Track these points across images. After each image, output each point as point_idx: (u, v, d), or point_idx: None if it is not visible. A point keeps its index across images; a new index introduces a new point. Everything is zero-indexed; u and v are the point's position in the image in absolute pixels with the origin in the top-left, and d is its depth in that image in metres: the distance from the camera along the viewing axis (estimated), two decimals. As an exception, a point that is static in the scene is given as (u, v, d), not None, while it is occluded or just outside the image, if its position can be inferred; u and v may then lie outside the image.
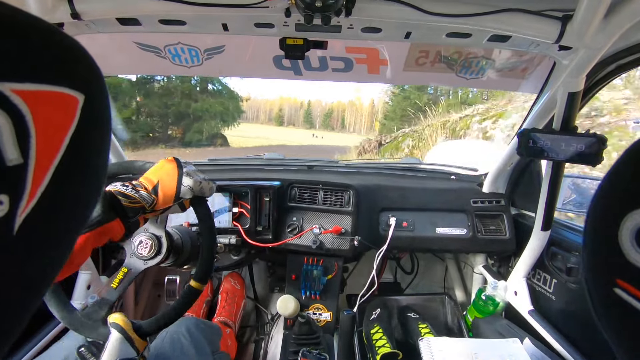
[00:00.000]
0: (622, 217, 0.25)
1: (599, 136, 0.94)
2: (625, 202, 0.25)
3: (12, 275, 0.22)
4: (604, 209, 0.28)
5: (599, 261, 0.28)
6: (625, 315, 0.25)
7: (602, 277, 0.27)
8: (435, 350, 1.16)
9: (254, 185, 1.41)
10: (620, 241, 0.25)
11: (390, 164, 1.91)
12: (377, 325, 1.42)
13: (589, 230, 0.29)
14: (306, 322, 1.22)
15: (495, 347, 1.16)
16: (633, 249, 0.24)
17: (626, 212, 0.25)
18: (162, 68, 1.32)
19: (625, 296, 0.25)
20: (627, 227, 0.24)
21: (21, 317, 0.24)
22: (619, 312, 0.26)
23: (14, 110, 0.20)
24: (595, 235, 0.29)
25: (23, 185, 0.21)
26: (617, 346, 0.28)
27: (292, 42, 1.02)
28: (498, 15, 0.85)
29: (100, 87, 0.26)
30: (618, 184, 0.27)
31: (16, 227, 0.21)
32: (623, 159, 0.27)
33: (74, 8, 0.86)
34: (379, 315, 1.48)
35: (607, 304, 0.27)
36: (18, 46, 0.20)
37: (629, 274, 0.24)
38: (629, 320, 0.25)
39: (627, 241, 0.24)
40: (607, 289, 0.26)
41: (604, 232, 0.27)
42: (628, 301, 0.25)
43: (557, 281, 1.31)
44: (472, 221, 1.50)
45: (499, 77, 1.29)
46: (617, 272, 0.25)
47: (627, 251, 0.24)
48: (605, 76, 1.10)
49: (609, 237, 0.26)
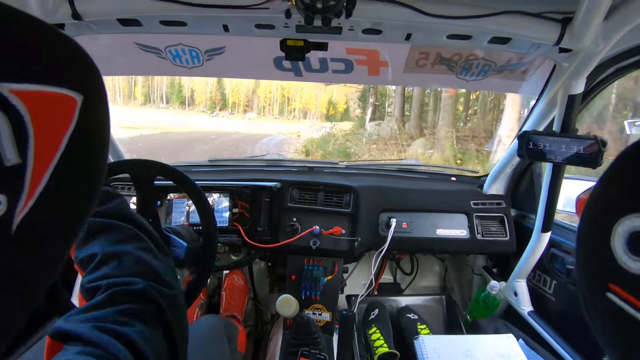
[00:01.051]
0: (614, 223, 0.25)
1: (600, 138, 0.94)
2: (617, 207, 0.25)
3: (10, 275, 0.22)
4: (596, 214, 0.28)
5: (592, 266, 0.28)
6: (617, 319, 0.25)
7: (595, 282, 0.28)
8: (430, 348, 1.15)
9: (254, 186, 1.42)
10: (613, 246, 0.25)
11: (391, 165, 1.91)
12: (374, 325, 1.42)
13: (582, 235, 0.29)
14: (305, 322, 1.22)
15: (490, 344, 1.16)
16: (625, 254, 0.24)
17: (618, 217, 0.25)
18: (162, 69, 1.32)
19: (617, 301, 0.25)
20: (619, 232, 0.24)
21: (19, 317, 0.24)
22: (611, 317, 0.26)
23: (13, 110, 0.20)
24: (587, 240, 0.29)
25: (21, 185, 0.21)
26: (610, 350, 0.28)
27: (293, 44, 1.02)
28: (498, 17, 0.85)
29: (98, 87, 0.26)
30: (610, 190, 0.27)
31: (14, 227, 0.21)
32: (615, 165, 0.27)
33: (75, 9, 0.86)
34: (377, 316, 1.48)
35: (600, 308, 0.27)
36: (17, 47, 0.20)
37: (621, 279, 0.25)
38: (621, 325, 0.25)
39: (619, 246, 0.24)
40: (600, 294, 0.26)
41: (596, 237, 0.27)
42: (620, 306, 0.25)
43: (557, 282, 1.31)
44: (473, 222, 1.50)
45: (500, 79, 1.29)
46: (609, 277, 0.26)
47: (619, 256, 0.24)
48: (605, 78, 1.10)
49: (601, 242, 0.26)
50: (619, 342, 0.27)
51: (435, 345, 1.16)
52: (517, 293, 1.41)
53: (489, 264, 1.70)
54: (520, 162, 1.43)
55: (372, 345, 1.34)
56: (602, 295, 0.26)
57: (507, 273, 1.47)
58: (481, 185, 1.60)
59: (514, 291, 1.42)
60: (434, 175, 1.80)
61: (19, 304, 0.24)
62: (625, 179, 0.26)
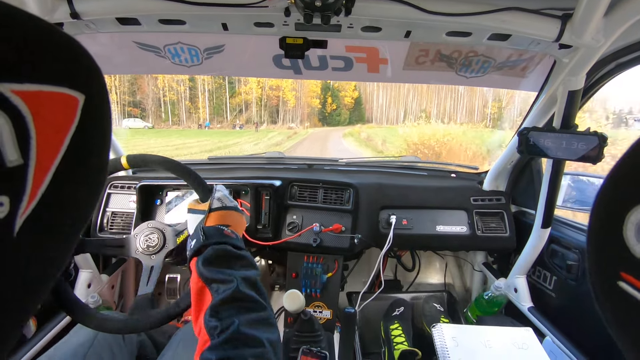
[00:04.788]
0: (627, 211, 0.25)
1: (600, 134, 0.94)
2: (630, 196, 0.25)
3: (13, 276, 0.22)
4: (609, 203, 0.28)
5: (604, 255, 0.28)
6: (629, 308, 0.25)
7: (606, 271, 0.28)
8: (448, 337, 1.14)
9: (254, 184, 1.42)
10: (625, 235, 0.25)
11: (391, 162, 1.91)
12: (397, 322, 1.42)
13: (594, 224, 0.29)
14: (309, 319, 1.23)
15: (508, 336, 1.15)
16: (638, 242, 0.24)
17: (631, 206, 0.25)
18: (161, 67, 1.31)
19: (629, 289, 0.25)
20: (631, 221, 0.24)
21: (22, 318, 0.24)
22: (623, 306, 0.26)
23: (14, 111, 0.20)
24: (600, 229, 0.29)
25: (23, 186, 0.21)
26: (621, 340, 0.28)
27: (292, 42, 1.02)
28: (498, 14, 0.85)
29: (100, 86, 0.26)
30: (623, 179, 0.27)
31: (17, 229, 0.21)
32: (628, 154, 0.27)
33: (74, 8, 0.86)
34: (402, 314, 1.48)
35: (611, 297, 0.27)
36: (18, 47, 0.20)
37: (633, 268, 0.25)
38: (633, 314, 0.26)
39: (632, 235, 0.24)
40: (611, 283, 0.26)
41: (608, 226, 0.27)
42: (632, 294, 0.25)
43: (557, 278, 1.31)
44: (473, 219, 1.50)
45: (500, 76, 1.28)
46: (621, 265, 0.26)
47: (631, 245, 0.24)
48: (605, 74, 1.10)
49: (614, 231, 0.26)
50: (631, 331, 0.27)
51: (453, 334, 1.15)
52: (517, 289, 1.41)
53: (489, 260, 1.70)
54: (520, 158, 1.43)
55: (392, 341, 1.35)
56: (613, 284, 0.26)
57: (507, 269, 1.48)
58: (481, 182, 1.60)
59: (514, 287, 1.42)
60: (433, 171, 1.80)
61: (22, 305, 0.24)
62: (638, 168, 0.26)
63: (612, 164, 0.28)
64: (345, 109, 46.39)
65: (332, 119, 44.96)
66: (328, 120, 44.46)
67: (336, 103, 45.37)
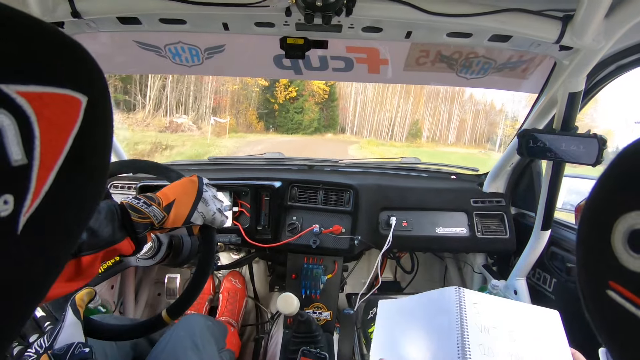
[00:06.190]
0: (615, 220, 0.25)
1: (599, 137, 0.94)
2: (617, 204, 0.25)
3: (15, 274, 0.22)
4: (597, 212, 0.28)
5: (592, 263, 0.28)
6: (617, 317, 0.25)
7: (595, 279, 0.28)
8: (469, 302, 0.92)
9: (254, 185, 1.41)
10: (613, 244, 0.25)
11: (391, 164, 1.90)
12: (374, 324, 1.41)
13: (582, 233, 0.30)
14: (306, 320, 1.22)
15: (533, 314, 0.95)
16: (625, 251, 0.24)
17: (618, 215, 0.25)
18: (162, 67, 1.31)
19: (617, 298, 0.25)
20: (619, 229, 0.25)
21: (24, 316, 0.25)
22: (612, 314, 0.26)
23: (19, 111, 0.20)
24: (588, 237, 0.29)
25: (27, 185, 0.21)
26: (610, 347, 0.28)
27: (293, 42, 1.02)
28: (499, 15, 0.85)
29: (102, 88, 0.27)
30: (610, 187, 0.28)
31: (20, 227, 0.21)
32: (615, 163, 0.27)
33: (74, 7, 0.86)
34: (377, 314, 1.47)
35: (600, 305, 0.27)
36: (22, 49, 0.21)
37: (622, 277, 0.25)
38: (621, 322, 0.26)
39: (620, 244, 0.24)
40: (600, 291, 0.26)
41: (596, 234, 0.27)
42: (620, 303, 0.25)
43: (556, 281, 1.31)
44: (473, 221, 1.50)
45: (500, 77, 1.28)
46: (609, 274, 0.26)
47: (619, 254, 0.25)
48: (606, 76, 1.10)
49: (602, 240, 0.26)
50: (619, 340, 0.27)
51: (475, 300, 0.94)
52: (517, 291, 1.41)
53: (489, 262, 1.70)
54: (520, 160, 1.43)
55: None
56: (602, 293, 0.26)
57: (507, 271, 1.47)
58: (481, 184, 1.60)
59: (513, 289, 1.42)
60: (433, 173, 1.80)
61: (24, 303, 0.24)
62: (626, 177, 0.26)
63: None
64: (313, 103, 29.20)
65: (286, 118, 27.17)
66: (278, 121, 27.47)
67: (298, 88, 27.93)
